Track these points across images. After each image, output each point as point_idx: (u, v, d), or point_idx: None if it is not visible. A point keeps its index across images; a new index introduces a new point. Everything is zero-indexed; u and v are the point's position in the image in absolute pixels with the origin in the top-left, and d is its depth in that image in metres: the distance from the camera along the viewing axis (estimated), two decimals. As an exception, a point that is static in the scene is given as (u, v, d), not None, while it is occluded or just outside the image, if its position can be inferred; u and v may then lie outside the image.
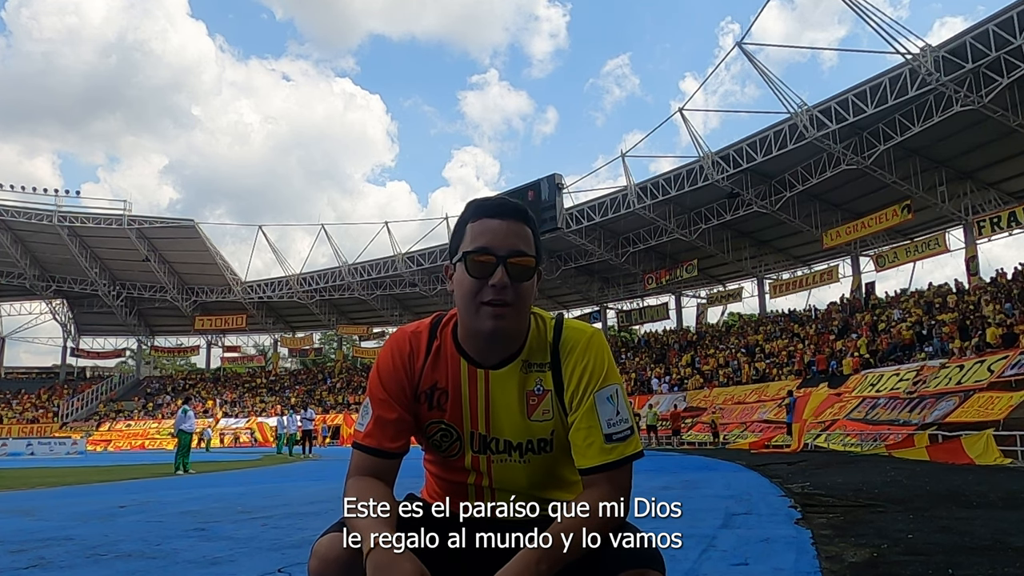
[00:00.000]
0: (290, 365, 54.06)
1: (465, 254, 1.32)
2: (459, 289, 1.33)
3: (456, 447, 1.41)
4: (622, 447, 1.32)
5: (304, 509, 6.34)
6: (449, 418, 1.40)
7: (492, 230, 1.32)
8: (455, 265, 1.35)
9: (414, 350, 1.40)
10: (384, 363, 1.40)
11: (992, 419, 13.62)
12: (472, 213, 1.35)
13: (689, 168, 28.73)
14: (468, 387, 1.39)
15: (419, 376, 1.39)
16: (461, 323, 1.37)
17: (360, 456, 1.36)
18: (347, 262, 41.41)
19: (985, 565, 3.11)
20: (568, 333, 1.40)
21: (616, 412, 1.35)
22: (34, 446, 31.13)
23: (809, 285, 32.50)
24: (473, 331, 1.35)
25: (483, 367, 1.38)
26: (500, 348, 1.37)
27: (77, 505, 7.09)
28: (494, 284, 1.29)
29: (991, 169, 24.81)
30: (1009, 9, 18.71)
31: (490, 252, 1.30)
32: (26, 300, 46.57)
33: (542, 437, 1.39)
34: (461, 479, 1.44)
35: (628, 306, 41.56)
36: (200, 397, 43.33)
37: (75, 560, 3.66)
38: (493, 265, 1.30)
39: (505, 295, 1.30)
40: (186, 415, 14.05)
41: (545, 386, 1.39)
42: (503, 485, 1.42)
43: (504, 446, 1.39)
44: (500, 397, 1.38)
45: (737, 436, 22.78)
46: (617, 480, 1.31)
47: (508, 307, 1.31)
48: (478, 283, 1.30)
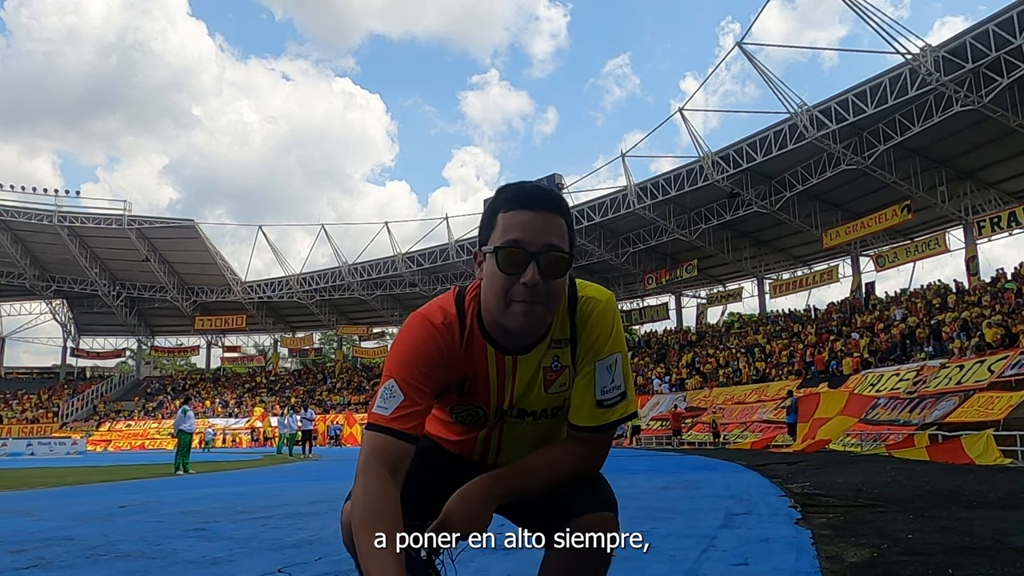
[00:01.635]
0: (290, 365, 54.07)
1: (496, 248, 1.27)
2: (489, 282, 1.30)
3: (482, 422, 1.47)
4: (609, 413, 1.39)
5: (304, 509, 6.34)
6: (478, 402, 1.43)
7: (525, 223, 1.27)
8: (485, 255, 1.32)
9: (451, 343, 1.36)
10: (417, 351, 1.34)
11: (992, 419, 13.61)
12: (504, 202, 1.31)
13: (689, 168, 28.75)
14: (496, 372, 1.40)
15: (453, 366, 1.38)
16: (488, 313, 1.35)
17: (385, 440, 1.30)
18: (347, 262, 41.43)
19: (985, 565, 3.11)
20: (583, 306, 1.40)
21: (611, 380, 1.39)
22: (34, 446, 31.15)
23: (809, 285, 32.51)
24: (501, 324, 1.32)
25: (509, 353, 1.38)
26: (526, 340, 1.37)
27: (77, 505, 7.08)
28: (525, 282, 1.26)
29: (991, 169, 24.82)
30: (1009, 9, 18.72)
31: (522, 247, 1.26)
32: (26, 300, 46.59)
33: (556, 405, 1.44)
34: (472, 435, 1.50)
35: (628, 306, 41.54)
36: (200, 397, 43.34)
37: (75, 560, 3.66)
38: (525, 261, 1.26)
39: (536, 293, 1.26)
40: (186, 415, 14.05)
41: (563, 362, 1.41)
42: (510, 439, 1.50)
43: (519, 413, 1.45)
44: (523, 376, 1.40)
45: (737, 436, 22.78)
46: (597, 441, 1.40)
47: (540, 305, 1.28)
48: (509, 279, 1.27)
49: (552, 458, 1.38)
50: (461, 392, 1.41)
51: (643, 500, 6.49)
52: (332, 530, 4.72)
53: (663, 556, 3.44)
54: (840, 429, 16.44)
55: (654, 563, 3.29)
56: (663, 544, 3.81)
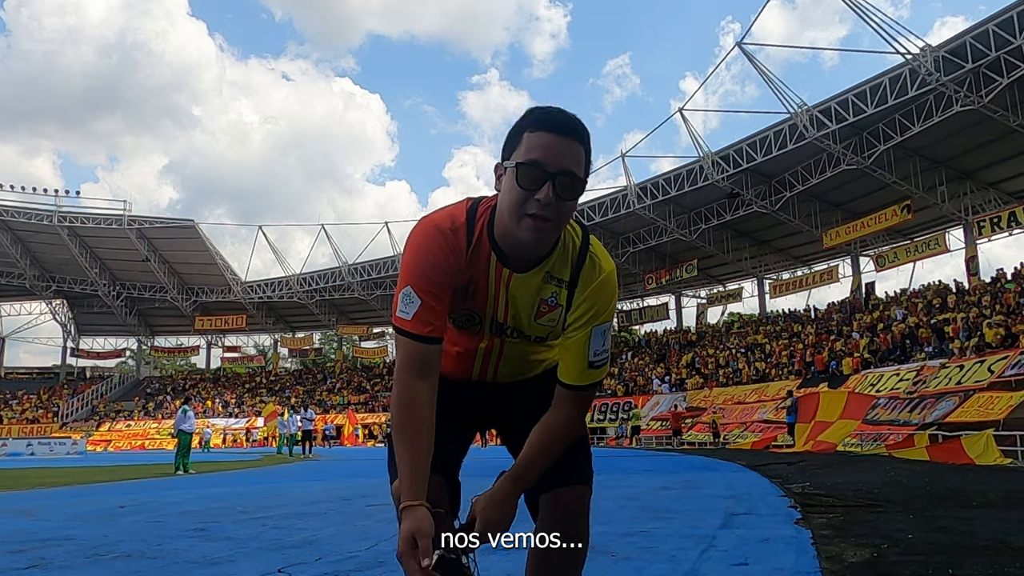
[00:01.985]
0: (290, 365, 54.06)
1: (518, 164, 1.36)
2: (506, 195, 1.39)
3: (477, 328, 1.57)
4: (596, 373, 1.52)
5: (304, 509, 6.33)
6: (477, 307, 1.53)
7: (547, 145, 1.35)
8: (506, 169, 1.40)
9: (457, 247, 1.45)
10: (429, 252, 1.43)
11: (992, 419, 13.61)
12: (532, 122, 1.38)
13: (689, 168, 28.74)
14: (495, 282, 1.50)
15: (460, 269, 1.46)
16: (501, 223, 1.43)
17: (412, 345, 1.42)
18: (347, 262, 41.43)
19: (985, 565, 3.11)
20: (590, 262, 1.50)
21: (603, 344, 1.52)
22: (34, 446, 31.11)
23: (809, 285, 32.50)
24: (511, 236, 1.42)
25: (510, 268, 1.48)
26: (529, 256, 1.46)
27: (77, 505, 7.08)
28: (540, 199, 1.34)
29: (991, 169, 24.81)
30: (1009, 9, 18.72)
31: (542, 167, 1.34)
32: (26, 300, 46.58)
33: (541, 336, 1.58)
34: (474, 345, 1.61)
35: (628, 306, 41.55)
36: (200, 397, 43.34)
37: (75, 560, 3.66)
38: (543, 180, 1.34)
39: (548, 211, 1.35)
40: (186, 415, 14.05)
41: (559, 301, 1.52)
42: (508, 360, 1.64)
43: (517, 333, 1.57)
44: (518, 296, 1.51)
45: (737, 436, 22.78)
46: (584, 399, 1.54)
47: (549, 222, 1.37)
48: (525, 194, 1.35)
49: (550, 435, 1.49)
50: (464, 296, 1.50)
51: (643, 500, 6.49)
52: (332, 530, 4.73)
53: (663, 556, 3.44)
54: (844, 433, 16.38)
55: (654, 563, 3.29)
56: (663, 544, 3.81)
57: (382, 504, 6.69)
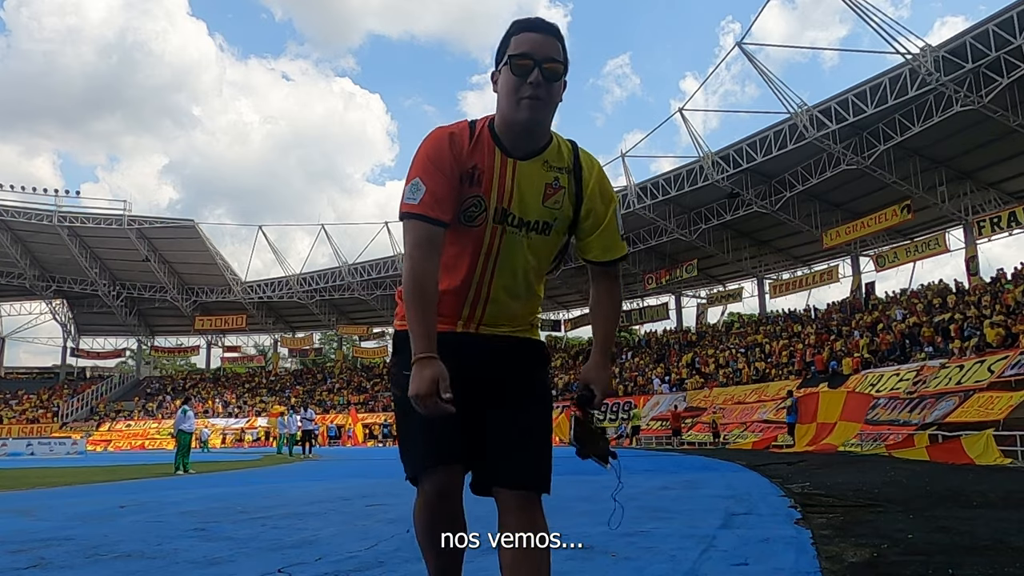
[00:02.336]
0: (290, 365, 54.05)
1: (510, 57, 1.62)
2: (503, 87, 1.64)
3: (481, 218, 1.69)
4: (624, 245, 1.87)
5: (304, 509, 6.33)
6: (483, 191, 1.68)
7: (532, 40, 1.63)
8: (500, 70, 1.66)
9: (459, 137, 1.68)
10: (435, 146, 1.66)
11: (992, 419, 13.61)
12: (516, 28, 1.66)
13: (689, 168, 28.74)
14: (499, 170, 1.68)
15: (464, 158, 1.67)
16: (501, 116, 1.68)
17: (420, 227, 1.63)
18: (347, 262, 41.42)
19: (985, 565, 3.11)
20: (584, 155, 1.78)
21: (619, 221, 1.83)
22: (34, 446, 31.11)
23: (809, 285, 32.50)
24: (512, 121, 1.65)
25: (513, 156, 1.68)
26: (530, 139, 1.68)
27: (77, 505, 7.08)
28: (531, 81, 1.60)
29: (991, 169, 24.81)
30: (1009, 9, 18.71)
31: (530, 56, 1.61)
32: (26, 300, 46.57)
33: (547, 220, 1.73)
34: (475, 249, 1.72)
35: (628, 306, 41.49)
36: (200, 397, 43.34)
37: (75, 560, 3.66)
38: (531, 67, 1.61)
39: (539, 91, 1.61)
40: (185, 415, 14.05)
41: (562, 184, 1.72)
42: (505, 259, 1.73)
43: (518, 222, 1.70)
44: (523, 182, 1.69)
45: (737, 436, 22.78)
46: (619, 271, 1.89)
47: (541, 101, 1.62)
48: (519, 81, 1.61)
49: (607, 310, 1.86)
50: (471, 182, 1.67)
51: (643, 500, 6.49)
52: (332, 530, 4.73)
53: (663, 556, 3.44)
54: (847, 436, 16.33)
55: (654, 563, 3.29)
56: (663, 544, 3.81)
57: (382, 504, 6.70)
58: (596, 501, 6.55)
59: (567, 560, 3.30)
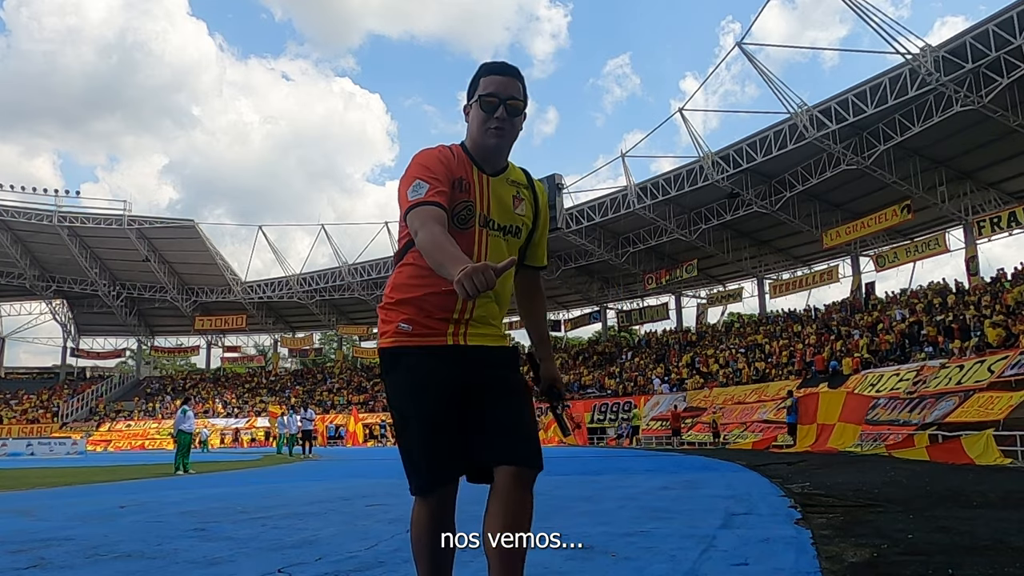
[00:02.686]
0: (290, 365, 54.06)
1: (480, 96, 1.97)
2: (475, 119, 2.00)
3: (472, 221, 1.96)
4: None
5: (304, 509, 6.34)
6: (470, 196, 1.97)
7: (497, 82, 1.97)
8: (472, 105, 2.01)
9: (446, 153, 1.99)
10: (428, 157, 1.95)
11: (992, 419, 13.62)
12: (485, 70, 2.01)
13: (689, 168, 28.74)
14: (478, 182, 1.99)
15: (453, 168, 1.95)
16: (472, 141, 2.02)
17: (428, 209, 1.82)
18: (347, 262, 41.42)
19: (985, 565, 3.11)
20: (534, 179, 2.14)
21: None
22: (34, 446, 31.12)
23: (809, 285, 32.50)
24: (481, 146, 1.99)
25: (485, 173, 2.00)
26: (496, 160, 2.01)
27: (77, 505, 7.09)
28: (497, 116, 1.96)
29: (991, 169, 24.82)
30: (1009, 9, 18.72)
31: (496, 96, 1.96)
32: (26, 300, 46.56)
33: (517, 225, 2.03)
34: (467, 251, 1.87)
35: (628, 306, 41.55)
36: (200, 397, 43.33)
37: (75, 560, 3.66)
38: (497, 104, 1.96)
39: (504, 124, 1.96)
40: (185, 415, 14.06)
41: (523, 196, 2.06)
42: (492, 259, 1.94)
43: (497, 226, 1.99)
44: (495, 193, 2.00)
45: (737, 436, 22.78)
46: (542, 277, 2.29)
47: (504, 131, 1.97)
48: (487, 116, 1.96)
49: (542, 310, 2.29)
50: (460, 189, 1.95)
51: (643, 500, 6.50)
52: (332, 530, 4.73)
53: (663, 556, 3.45)
54: (847, 440, 16.27)
55: (654, 563, 3.29)
56: (663, 544, 3.82)
57: (382, 504, 6.70)
58: (596, 501, 6.55)
59: (567, 560, 3.30)
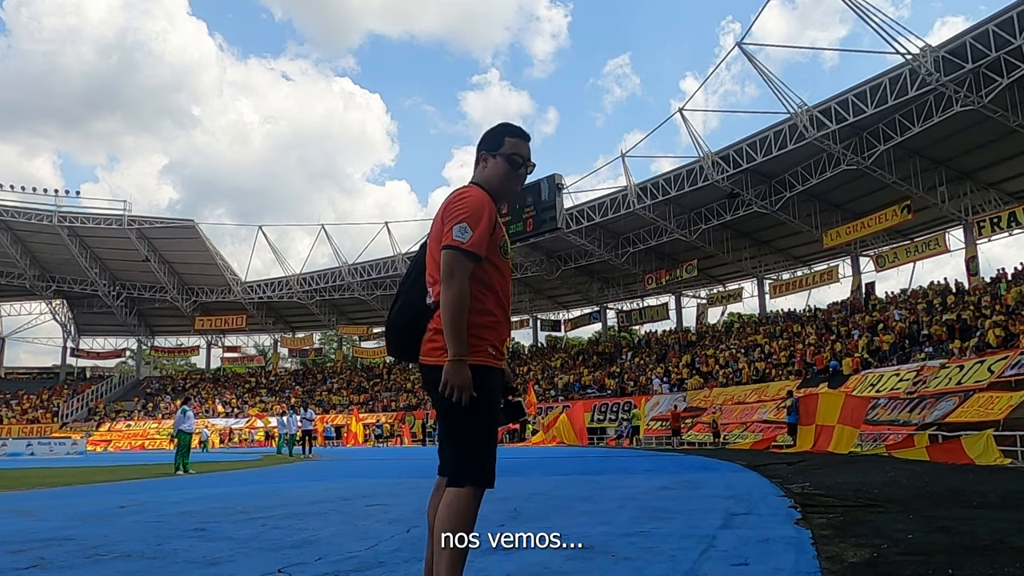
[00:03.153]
0: (290, 365, 54.06)
1: (512, 155, 2.44)
2: (501, 171, 2.43)
3: (508, 248, 2.41)
4: None
5: (304, 509, 6.34)
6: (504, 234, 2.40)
7: (524, 147, 2.47)
8: (496, 156, 2.43)
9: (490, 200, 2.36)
10: (489, 203, 2.31)
11: (992, 419, 13.62)
12: (512, 132, 2.48)
13: (689, 168, 28.73)
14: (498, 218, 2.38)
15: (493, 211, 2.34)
16: (491, 187, 2.41)
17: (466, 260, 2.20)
18: (347, 262, 41.41)
19: (985, 565, 3.11)
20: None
21: None
22: (34, 446, 31.09)
23: (809, 285, 32.50)
24: (502, 193, 2.43)
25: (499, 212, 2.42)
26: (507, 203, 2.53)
27: (77, 505, 7.09)
28: (520, 174, 2.47)
29: (991, 169, 24.82)
30: (1009, 9, 18.71)
31: (523, 157, 2.46)
32: (26, 300, 46.55)
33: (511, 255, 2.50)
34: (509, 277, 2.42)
35: (628, 306, 41.55)
36: (200, 397, 43.33)
37: (75, 560, 3.66)
38: (521, 164, 2.46)
39: (523, 181, 2.51)
40: (185, 415, 14.05)
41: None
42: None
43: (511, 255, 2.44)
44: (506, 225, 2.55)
45: (737, 436, 22.78)
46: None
47: (521, 185, 2.51)
48: (514, 171, 2.45)
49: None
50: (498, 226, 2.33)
51: (643, 500, 6.50)
52: (332, 530, 4.73)
53: (663, 556, 3.45)
54: (848, 444, 16.22)
55: (654, 563, 3.29)
56: (663, 544, 3.82)
57: (382, 504, 6.70)
58: (596, 501, 6.55)
59: (567, 560, 3.31)
